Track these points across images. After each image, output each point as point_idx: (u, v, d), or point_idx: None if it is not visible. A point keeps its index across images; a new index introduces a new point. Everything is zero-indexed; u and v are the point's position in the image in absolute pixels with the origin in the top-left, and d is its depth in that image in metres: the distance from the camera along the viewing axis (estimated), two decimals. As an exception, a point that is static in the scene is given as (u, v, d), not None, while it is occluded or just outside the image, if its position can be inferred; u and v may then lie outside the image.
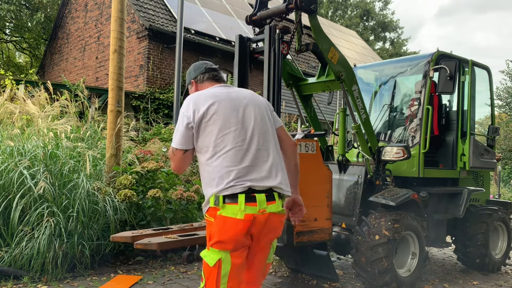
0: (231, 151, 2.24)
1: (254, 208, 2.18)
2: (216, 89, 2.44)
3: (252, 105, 2.40)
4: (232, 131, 2.27)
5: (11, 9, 20.05)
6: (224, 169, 2.21)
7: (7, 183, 4.56)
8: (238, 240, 2.17)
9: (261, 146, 2.32)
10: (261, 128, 2.36)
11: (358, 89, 4.55)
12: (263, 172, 2.26)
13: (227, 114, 2.29)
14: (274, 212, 2.25)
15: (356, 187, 4.63)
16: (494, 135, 5.93)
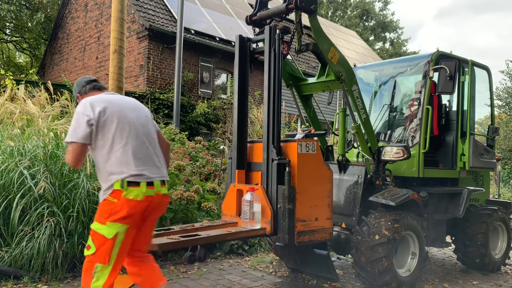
0: (128, 145, 2.75)
1: (152, 191, 2.75)
2: (104, 95, 2.94)
3: (139, 109, 2.98)
4: (127, 129, 2.79)
5: (11, 9, 20.05)
6: (125, 160, 2.72)
7: (7, 183, 4.56)
8: (136, 217, 2.72)
9: (151, 142, 2.90)
10: (148, 128, 2.95)
11: (358, 89, 4.55)
12: (156, 163, 2.86)
13: (121, 114, 2.81)
14: (165, 193, 2.88)
15: (356, 187, 4.63)
16: (494, 135, 5.94)
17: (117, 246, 2.66)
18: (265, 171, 3.95)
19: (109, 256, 2.65)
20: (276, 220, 3.84)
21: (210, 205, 5.83)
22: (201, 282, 4.57)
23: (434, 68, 4.97)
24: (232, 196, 4.21)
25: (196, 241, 3.57)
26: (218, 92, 15.34)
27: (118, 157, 2.71)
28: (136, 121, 2.86)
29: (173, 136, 8.52)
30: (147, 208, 2.75)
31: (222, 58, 14.95)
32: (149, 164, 2.80)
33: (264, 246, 6.17)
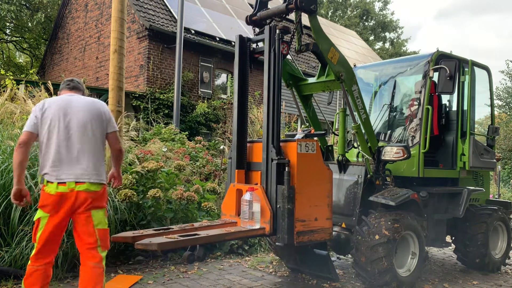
0: (52, 146, 3.12)
1: (64, 188, 3.09)
2: (63, 96, 3.31)
3: (82, 111, 3.20)
4: (56, 130, 3.12)
5: (12, 9, 20.05)
6: (47, 158, 3.13)
7: (7, 183, 4.56)
8: (54, 209, 3.10)
9: (81, 144, 3.16)
10: (86, 131, 3.18)
11: (358, 89, 4.55)
12: (74, 165, 3.13)
13: (57, 115, 3.14)
14: (81, 190, 3.11)
15: (356, 187, 4.63)
16: (494, 135, 5.93)
17: (40, 229, 3.12)
18: (265, 171, 3.95)
19: (36, 236, 3.13)
20: (276, 220, 3.84)
21: (210, 205, 5.84)
22: (201, 282, 4.57)
23: (434, 68, 4.97)
24: (231, 196, 4.21)
25: (195, 241, 3.57)
26: (218, 92, 15.34)
27: (43, 155, 3.16)
28: (70, 123, 3.16)
29: (173, 136, 8.52)
30: (62, 202, 3.09)
31: (222, 58, 14.95)
32: (64, 165, 3.12)
33: (264, 246, 6.17)
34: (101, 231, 3.22)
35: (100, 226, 3.21)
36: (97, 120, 3.25)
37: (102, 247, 3.22)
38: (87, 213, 3.15)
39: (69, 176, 3.11)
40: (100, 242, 3.20)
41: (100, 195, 3.23)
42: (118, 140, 3.43)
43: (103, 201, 3.27)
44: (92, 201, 3.17)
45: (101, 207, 3.24)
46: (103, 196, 3.26)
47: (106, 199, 3.33)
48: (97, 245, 3.19)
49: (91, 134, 3.21)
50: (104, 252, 3.24)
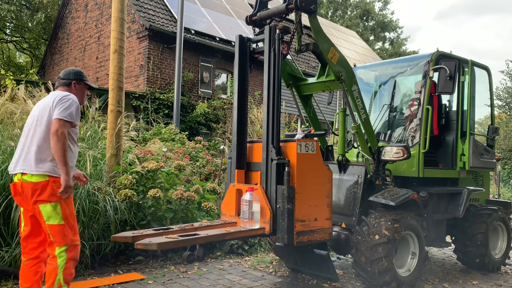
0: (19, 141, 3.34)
1: (15, 178, 3.25)
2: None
3: (42, 105, 3.30)
4: (25, 127, 3.34)
5: (12, 9, 20.05)
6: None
7: (7, 183, 4.56)
8: (16, 199, 3.31)
9: (31, 137, 3.24)
10: (36, 123, 3.25)
11: (358, 89, 4.56)
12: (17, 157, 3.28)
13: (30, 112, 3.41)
14: (24, 180, 3.17)
15: (356, 187, 4.63)
16: (494, 135, 5.93)
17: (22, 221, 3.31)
18: (265, 171, 3.95)
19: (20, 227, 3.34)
20: (275, 220, 3.84)
21: (210, 205, 5.84)
22: (201, 282, 4.57)
23: (434, 68, 4.97)
24: (231, 196, 4.21)
25: (195, 241, 3.57)
26: (218, 92, 15.34)
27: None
28: (30, 119, 3.32)
29: (173, 136, 8.53)
30: (16, 192, 3.25)
31: (222, 58, 14.95)
32: (14, 158, 3.29)
33: (264, 246, 6.17)
34: (51, 227, 3.16)
35: (49, 221, 3.15)
36: (44, 111, 3.25)
37: (56, 243, 3.17)
38: (35, 207, 3.17)
39: (12, 168, 3.26)
40: (52, 238, 3.17)
41: (40, 187, 3.15)
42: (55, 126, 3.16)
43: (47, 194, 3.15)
44: (32, 193, 3.15)
45: (46, 201, 3.15)
46: (45, 189, 3.15)
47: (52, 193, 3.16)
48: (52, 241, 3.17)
49: (34, 128, 3.25)
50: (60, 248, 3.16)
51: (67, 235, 3.18)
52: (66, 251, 3.15)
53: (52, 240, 3.14)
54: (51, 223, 3.14)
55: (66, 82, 3.44)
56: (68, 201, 3.23)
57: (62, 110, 3.16)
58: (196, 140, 8.62)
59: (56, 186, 3.15)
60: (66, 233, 3.17)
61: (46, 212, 3.14)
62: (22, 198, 3.22)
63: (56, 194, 3.13)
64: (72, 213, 3.27)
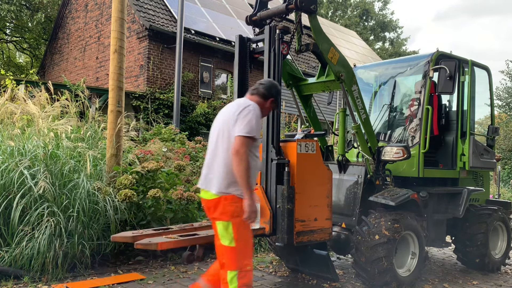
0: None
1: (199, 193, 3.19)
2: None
3: (222, 114, 3.13)
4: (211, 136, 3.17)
5: (12, 9, 20.05)
6: None
7: (7, 183, 4.56)
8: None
9: (213, 152, 3.07)
10: (217, 137, 3.06)
11: (358, 89, 4.56)
12: (204, 173, 3.13)
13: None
14: (204, 198, 3.09)
15: (356, 187, 4.63)
16: (494, 135, 5.93)
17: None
18: (265, 171, 3.95)
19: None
20: (275, 220, 3.84)
21: (210, 205, 5.83)
22: (201, 282, 4.57)
23: (434, 68, 4.97)
24: (232, 196, 4.20)
25: (195, 241, 3.58)
26: (218, 92, 15.34)
27: None
28: (214, 130, 3.15)
29: (173, 136, 8.52)
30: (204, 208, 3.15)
31: (222, 58, 14.94)
32: (203, 172, 3.14)
33: (264, 246, 6.17)
34: (222, 248, 2.94)
35: (225, 242, 2.92)
36: (226, 124, 2.99)
37: (226, 266, 2.93)
38: (213, 223, 3.04)
39: (200, 183, 3.14)
40: (224, 258, 2.94)
41: (214, 204, 2.95)
42: (237, 145, 2.87)
43: (218, 211, 2.94)
44: (208, 210, 3.04)
45: (217, 218, 2.94)
46: (217, 206, 2.94)
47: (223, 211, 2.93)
48: (223, 262, 2.95)
49: (215, 141, 3.06)
50: (231, 273, 2.88)
51: (238, 259, 2.89)
52: (237, 276, 2.87)
53: (223, 261, 2.93)
54: (221, 243, 2.93)
55: (264, 94, 3.16)
56: (245, 223, 2.93)
57: (244, 125, 2.87)
58: (196, 140, 8.61)
59: (228, 204, 2.91)
60: (236, 257, 2.89)
61: (219, 230, 2.94)
62: (207, 212, 3.13)
63: (227, 212, 2.90)
64: (246, 236, 2.96)
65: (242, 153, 2.83)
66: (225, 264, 2.89)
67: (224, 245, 2.90)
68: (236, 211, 2.89)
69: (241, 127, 2.87)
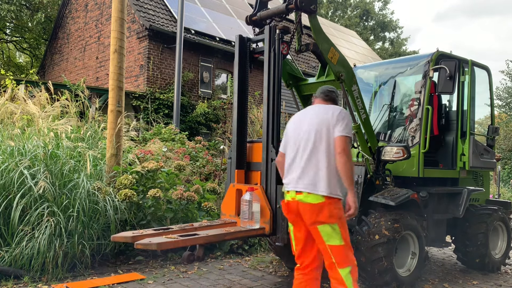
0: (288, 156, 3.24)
1: (288, 196, 3.12)
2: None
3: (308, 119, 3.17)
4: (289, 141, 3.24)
5: (12, 9, 20.04)
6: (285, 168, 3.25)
7: (7, 183, 4.56)
8: (288, 216, 3.18)
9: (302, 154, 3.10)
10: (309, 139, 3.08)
11: (358, 89, 4.56)
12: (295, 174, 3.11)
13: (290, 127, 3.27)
14: (299, 200, 3.03)
15: (356, 187, 4.63)
16: (494, 135, 5.93)
17: (292, 239, 3.22)
18: (265, 171, 3.95)
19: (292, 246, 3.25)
20: (275, 220, 3.84)
21: (210, 205, 5.84)
22: (201, 282, 4.57)
23: (434, 68, 4.97)
24: (231, 196, 4.21)
25: (195, 241, 3.57)
26: (218, 92, 15.34)
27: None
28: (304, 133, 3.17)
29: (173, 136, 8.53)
30: (289, 210, 3.12)
31: (222, 58, 14.95)
32: (291, 174, 3.14)
33: (264, 246, 6.17)
34: (331, 248, 3.00)
35: (330, 242, 2.99)
36: (324, 127, 3.05)
37: (338, 265, 2.99)
38: (313, 228, 3.02)
39: (290, 185, 3.10)
40: (334, 258, 3.00)
41: (319, 208, 2.98)
42: (342, 145, 2.99)
43: (324, 215, 2.98)
44: (310, 214, 3.00)
45: (323, 222, 2.98)
46: (323, 210, 2.97)
47: (330, 214, 2.98)
48: (333, 262, 3.00)
49: (313, 144, 3.06)
50: (344, 270, 2.97)
51: (349, 255, 3.04)
52: (350, 272, 2.99)
53: (333, 262, 3.00)
54: (331, 244, 2.99)
55: (331, 98, 3.32)
56: (344, 221, 3.06)
57: (344, 126, 3.02)
58: (196, 140, 8.62)
59: (333, 207, 2.99)
60: (347, 254, 3.03)
61: (325, 233, 2.99)
62: (296, 217, 3.10)
63: (335, 215, 2.99)
64: (347, 232, 3.10)
65: (348, 152, 2.98)
66: (337, 263, 2.99)
67: (334, 245, 2.99)
68: (340, 212, 3.02)
69: (342, 128, 3.01)
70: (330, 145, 3.01)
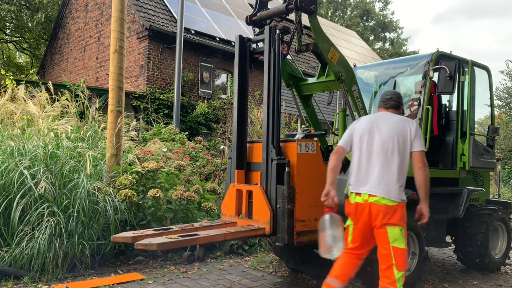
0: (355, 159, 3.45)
1: (359, 198, 3.26)
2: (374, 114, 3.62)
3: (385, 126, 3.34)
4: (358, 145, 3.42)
5: (12, 9, 20.05)
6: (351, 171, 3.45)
7: (7, 183, 4.56)
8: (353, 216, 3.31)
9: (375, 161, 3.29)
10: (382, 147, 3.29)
11: (358, 89, 4.56)
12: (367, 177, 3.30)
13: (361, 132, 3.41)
14: (373, 202, 3.19)
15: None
16: (494, 135, 5.93)
17: (350, 235, 3.35)
18: (265, 171, 3.95)
19: (347, 241, 3.37)
20: (275, 220, 3.84)
21: (210, 205, 5.84)
22: (201, 282, 4.57)
23: (434, 68, 4.97)
24: (231, 196, 4.21)
25: (195, 241, 3.57)
26: (218, 92, 15.34)
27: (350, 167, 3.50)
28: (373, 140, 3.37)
29: (173, 136, 8.53)
30: (356, 211, 3.28)
31: (222, 58, 14.95)
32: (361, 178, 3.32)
33: (264, 246, 6.17)
34: (397, 250, 3.17)
35: (395, 244, 3.17)
36: (401, 138, 3.28)
37: (397, 266, 3.16)
38: (382, 228, 3.17)
39: (364, 188, 3.26)
40: (395, 260, 3.16)
41: (393, 211, 3.17)
42: (422, 159, 3.31)
43: (396, 217, 3.18)
44: (384, 215, 3.16)
45: (394, 224, 3.17)
46: (396, 213, 3.18)
47: (401, 217, 3.22)
48: (392, 264, 3.16)
49: (390, 152, 3.26)
50: (400, 272, 3.16)
51: (407, 260, 3.25)
52: (403, 276, 3.19)
53: (393, 263, 3.16)
54: (396, 246, 3.17)
55: (397, 105, 3.51)
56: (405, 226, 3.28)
57: (421, 140, 3.32)
58: (196, 140, 8.62)
59: (403, 211, 3.22)
60: (406, 257, 3.23)
61: (393, 235, 3.16)
62: (362, 217, 3.24)
63: (404, 219, 3.21)
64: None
65: (427, 164, 3.31)
66: (396, 264, 3.16)
67: (398, 247, 3.17)
68: (405, 216, 3.25)
69: (420, 143, 3.33)
70: (406, 156, 3.28)
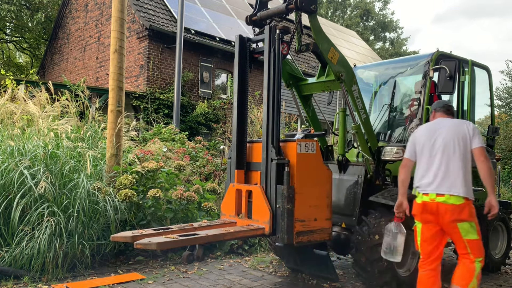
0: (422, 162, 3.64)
1: (426, 198, 3.48)
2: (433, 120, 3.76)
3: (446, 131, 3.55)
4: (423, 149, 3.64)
5: (12, 9, 20.05)
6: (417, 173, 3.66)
7: (7, 183, 4.56)
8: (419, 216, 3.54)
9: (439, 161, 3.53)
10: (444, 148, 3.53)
11: (358, 89, 4.55)
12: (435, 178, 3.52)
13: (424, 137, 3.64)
14: (440, 202, 3.42)
15: (356, 187, 4.63)
16: (494, 135, 5.93)
17: (418, 235, 3.57)
18: (264, 171, 3.95)
19: (416, 243, 3.62)
20: (275, 220, 3.84)
21: (210, 205, 5.84)
22: (201, 282, 4.58)
23: (434, 68, 4.96)
24: (231, 196, 4.21)
25: (195, 240, 3.57)
26: (218, 92, 15.34)
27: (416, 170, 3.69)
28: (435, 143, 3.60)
29: (173, 136, 8.53)
30: (426, 210, 3.48)
31: (222, 58, 14.95)
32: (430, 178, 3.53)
33: (264, 246, 6.17)
34: (470, 242, 3.46)
35: (467, 237, 3.45)
36: (460, 138, 3.50)
37: (473, 255, 3.48)
38: (452, 225, 3.42)
39: (430, 188, 3.48)
40: (470, 250, 3.48)
41: (461, 209, 3.41)
42: (484, 154, 3.51)
43: (465, 214, 3.43)
44: (452, 213, 3.39)
45: (464, 220, 3.42)
46: (464, 210, 3.43)
47: (470, 213, 3.47)
48: (468, 252, 3.50)
49: (452, 152, 3.49)
50: (478, 259, 3.48)
51: (482, 248, 3.53)
52: (480, 262, 3.50)
53: (469, 252, 3.48)
54: (470, 238, 3.45)
55: (452, 112, 3.77)
56: (476, 218, 3.54)
57: (479, 138, 3.56)
58: (196, 140, 8.62)
59: (472, 207, 3.50)
60: (480, 246, 3.51)
61: (464, 229, 3.43)
62: (431, 216, 3.46)
63: (473, 214, 3.48)
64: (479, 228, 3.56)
65: (488, 158, 3.55)
66: (472, 253, 3.48)
67: (471, 239, 3.45)
68: (475, 212, 3.52)
69: (479, 140, 3.53)
70: (467, 154, 3.50)
